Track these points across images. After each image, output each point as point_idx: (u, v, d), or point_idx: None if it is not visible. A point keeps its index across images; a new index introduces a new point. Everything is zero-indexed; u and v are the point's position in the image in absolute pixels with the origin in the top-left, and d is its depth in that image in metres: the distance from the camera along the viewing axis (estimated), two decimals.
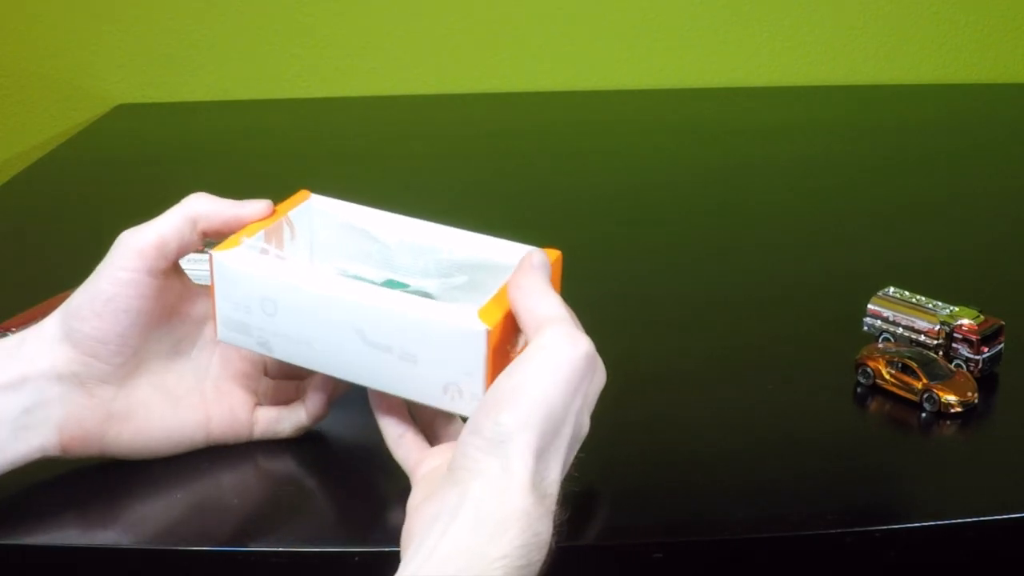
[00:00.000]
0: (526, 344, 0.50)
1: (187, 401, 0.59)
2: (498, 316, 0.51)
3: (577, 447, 0.51)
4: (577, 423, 0.49)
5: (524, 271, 0.52)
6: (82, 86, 1.41)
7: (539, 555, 0.45)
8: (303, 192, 0.62)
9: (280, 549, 0.54)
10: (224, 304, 0.57)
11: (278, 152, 1.22)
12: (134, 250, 0.55)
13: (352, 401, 0.60)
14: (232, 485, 0.58)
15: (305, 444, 0.62)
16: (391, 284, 0.59)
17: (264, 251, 0.58)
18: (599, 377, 0.51)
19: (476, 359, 0.51)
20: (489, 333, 0.50)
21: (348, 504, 0.57)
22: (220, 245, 0.56)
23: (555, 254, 0.56)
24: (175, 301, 0.58)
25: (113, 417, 0.57)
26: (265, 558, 0.53)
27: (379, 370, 0.54)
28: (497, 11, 1.40)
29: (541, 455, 0.46)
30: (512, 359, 0.50)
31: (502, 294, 0.53)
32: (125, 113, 1.38)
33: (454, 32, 1.41)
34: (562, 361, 0.48)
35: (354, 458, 0.61)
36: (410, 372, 0.53)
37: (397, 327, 0.52)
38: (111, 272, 0.55)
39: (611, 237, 0.94)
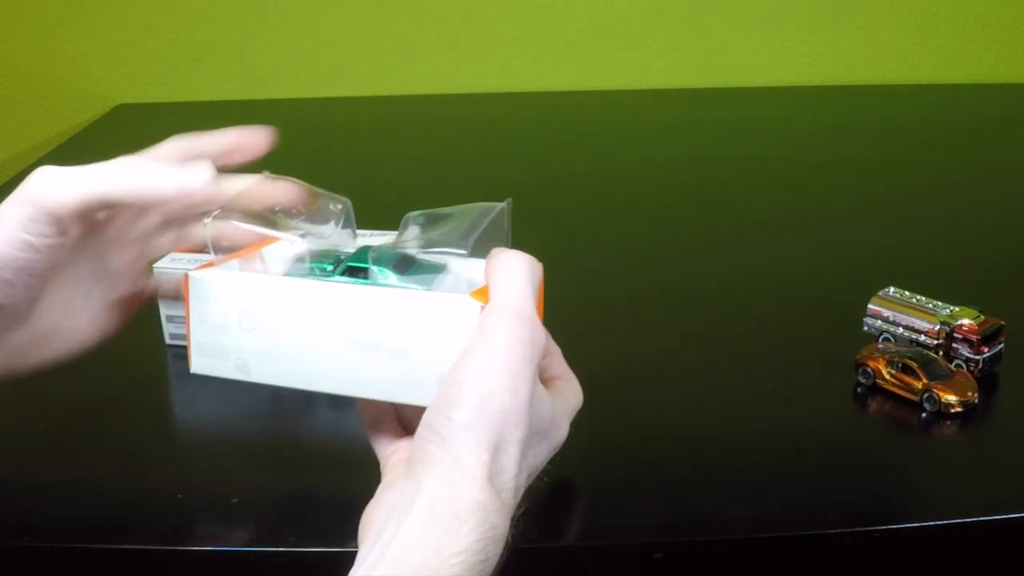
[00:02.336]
0: None
1: (92, 309, 0.55)
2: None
3: (547, 443, 0.49)
4: (536, 414, 0.47)
5: (506, 253, 0.51)
6: (82, 86, 1.41)
7: (495, 549, 0.44)
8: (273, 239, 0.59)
9: (280, 549, 0.54)
10: (199, 328, 0.54)
11: (278, 152, 1.21)
12: (49, 212, 0.48)
13: (352, 401, 0.60)
14: (232, 485, 0.58)
15: (305, 444, 0.62)
16: (363, 250, 0.56)
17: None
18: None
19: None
20: (483, 309, 0.48)
21: (348, 504, 0.57)
22: (195, 267, 0.55)
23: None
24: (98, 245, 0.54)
25: (15, 351, 0.53)
26: (265, 558, 0.54)
27: (369, 373, 0.52)
28: (497, 11, 1.40)
29: (496, 448, 0.45)
30: None
31: None
32: (125, 113, 1.38)
33: (454, 32, 1.41)
34: (500, 350, 0.46)
35: (354, 458, 0.61)
36: (402, 369, 0.51)
37: (387, 319, 0.51)
38: (17, 234, 0.48)
39: (611, 237, 0.94)
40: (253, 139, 0.57)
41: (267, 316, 0.53)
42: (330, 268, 0.55)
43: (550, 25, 1.41)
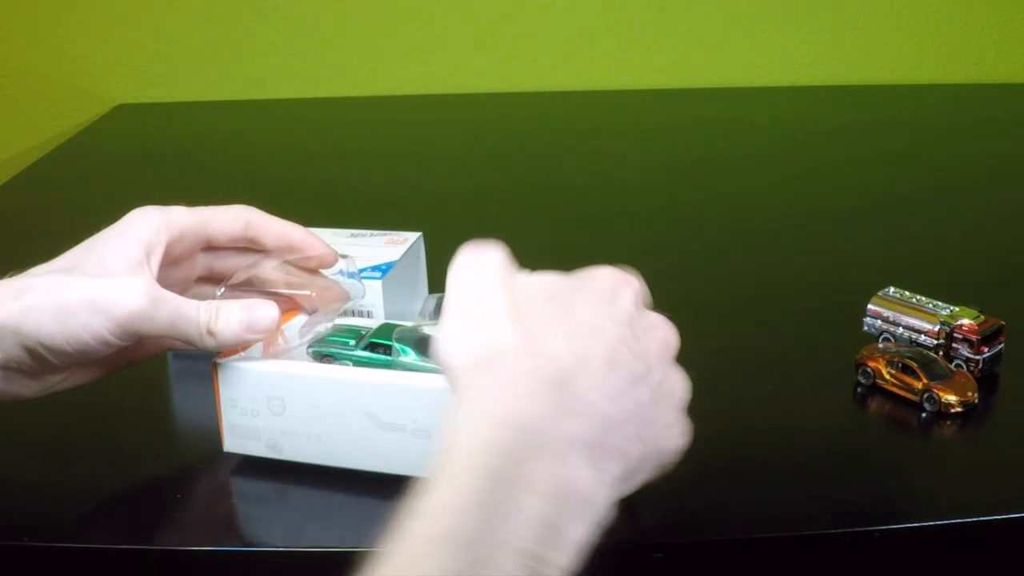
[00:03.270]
0: None
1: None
2: None
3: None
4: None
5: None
6: (82, 86, 1.41)
7: None
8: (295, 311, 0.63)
9: (280, 549, 0.54)
10: (230, 411, 0.57)
11: (278, 152, 1.22)
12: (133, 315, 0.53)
13: None
14: (232, 485, 0.58)
15: None
16: (385, 327, 0.60)
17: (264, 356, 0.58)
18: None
19: None
20: None
21: (348, 504, 0.57)
22: (222, 354, 0.57)
23: None
24: None
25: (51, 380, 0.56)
26: (265, 558, 0.54)
27: (394, 452, 0.55)
28: (497, 11, 1.40)
29: None
30: None
31: None
32: (125, 113, 1.38)
33: (454, 32, 1.41)
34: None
35: None
36: (425, 448, 0.53)
37: (408, 403, 0.54)
38: (96, 328, 0.53)
39: (610, 236, 0.94)
40: (317, 251, 0.61)
41: (294, 401, 0.56)
42: (352, 343, 0.58)
43: (550, 25, 1.41)
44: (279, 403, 0.56)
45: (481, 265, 0.48)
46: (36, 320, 0.52)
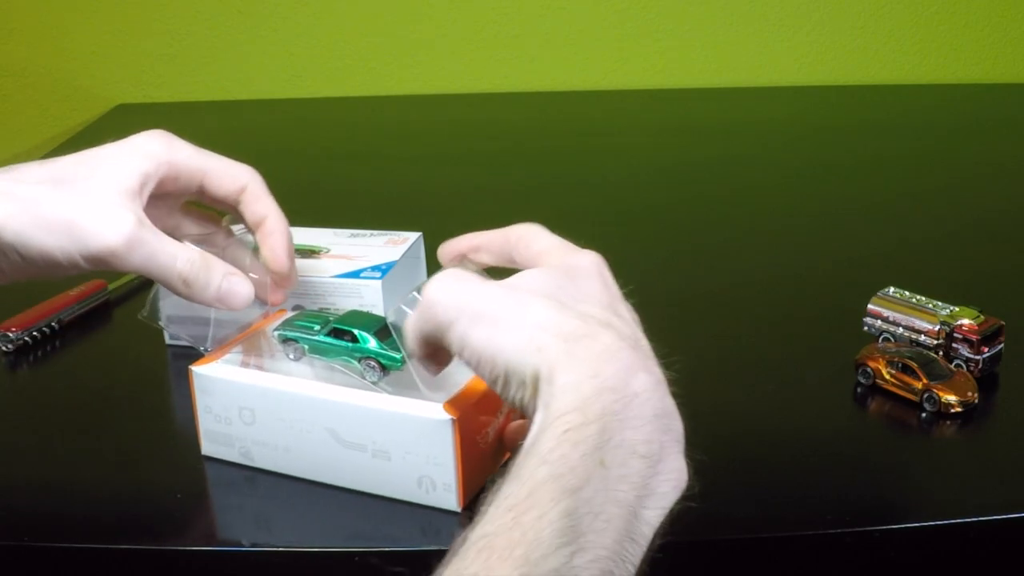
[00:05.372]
0: (502, 427, 0.53)
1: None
2: (465, 405, 0.53)
3: None
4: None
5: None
6: (82, 86, 1.41)
7: None
8: (283, 311, 0.64)
9: (280, 549, 0.54)
10: (206, 417, 0.58)
11: (278, 152, 1.22)
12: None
13: None
14: (232, 485, 0.58)
15: None
16: (351, 314, 0.60)
17: (245, 364, 0.59)
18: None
19: (445, 449, 0.53)
20: (455, 423, 0.52)
21: (348, 504, 0.57)
22: (199, 360, 0.58)
23: None
24: None
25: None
26: (265, 558, 0.53)
27: (356, 469, 0.56)
28: (497, 11, 1.40)
29: None
30: (482, 449, 0.53)
31: (471, 384, 0.54)
32: (125, 113, 1.38)
33: (453, 32, 1.41)
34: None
35: None
36: (385, 469, 0.55)
37: (369, 425, 0.54)
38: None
39: (610, 236, 0.93)
40: (280, 263, 0.62)
41: (264, 412, 0.57)
42: (317, 328, 0.58)
43: (550, 25, 1.41)
44: (249, 413, 0.57)
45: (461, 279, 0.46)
46: (14, 229, 0.52)
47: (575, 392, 0.41)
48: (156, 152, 0.57)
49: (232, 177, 0.59)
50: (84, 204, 0.53)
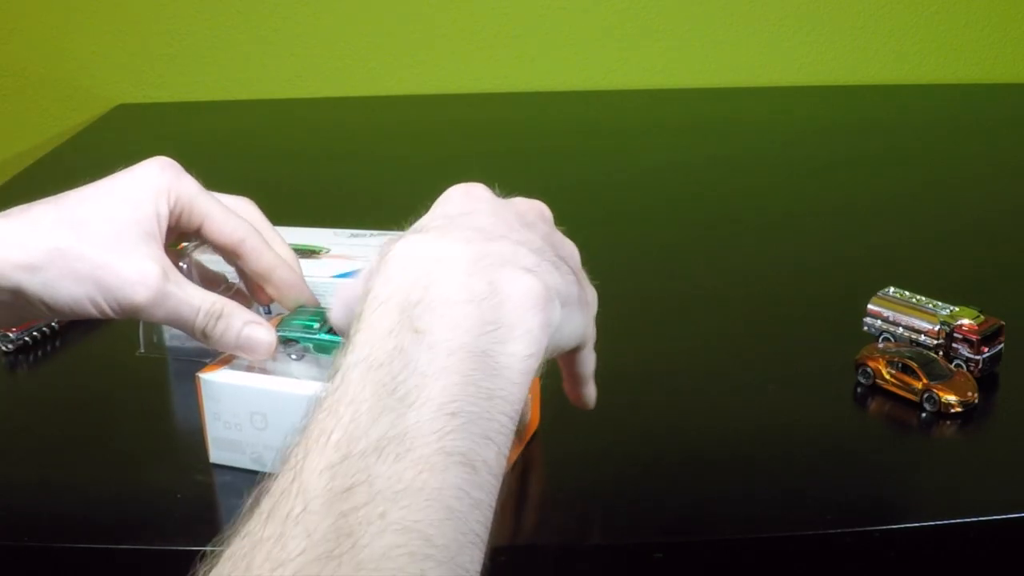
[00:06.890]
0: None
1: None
2: None
3: None
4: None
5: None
6: (82, 86, 1.41)
7: None
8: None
9: None
10: (215, 424, 0.58)
11: (278, 152, 1.22)
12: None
13: None
14: (232, 486, 0.58)
15: None
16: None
17: (250, 368, 0.58)
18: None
19: None
20: None
21: None
22: (206, 368, 0.58)
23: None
24: None
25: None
26: None
27: None
28: (497, 11, 1.40)
29: None
30: None
31: None
32: (125, 113, 1.38)
33: (454, 32, 1.41)
34: None
35: None
36: None
37: None
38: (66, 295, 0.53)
39: (609, 236, 0.94)
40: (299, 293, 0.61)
41: (277, 417, 0.56)
42: (316, 326, 0.58)
43: (550, 25, 1.41)
44: (261, 418, 0.57)
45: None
46: (41, 282, 0.52)
47: (367, 300, 0.43)
48: (168, 188, 0.57)
49: (232, 229, 0.58)
50: (110, 256, 0.53)
